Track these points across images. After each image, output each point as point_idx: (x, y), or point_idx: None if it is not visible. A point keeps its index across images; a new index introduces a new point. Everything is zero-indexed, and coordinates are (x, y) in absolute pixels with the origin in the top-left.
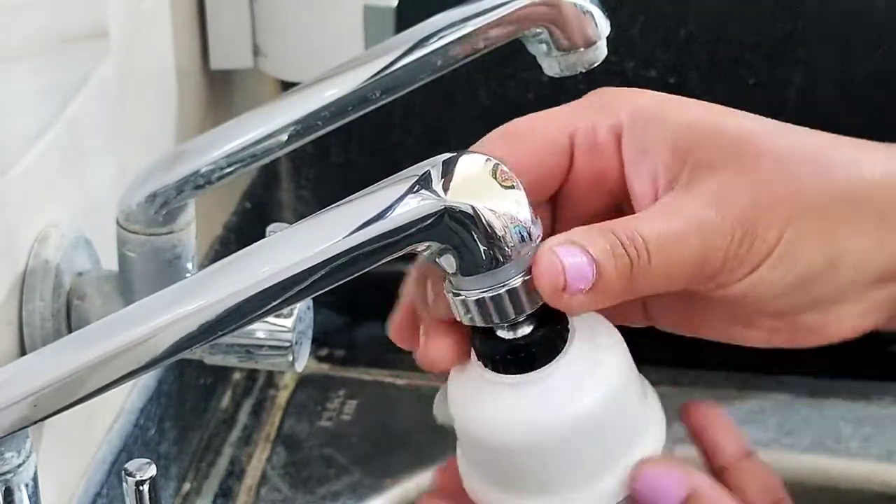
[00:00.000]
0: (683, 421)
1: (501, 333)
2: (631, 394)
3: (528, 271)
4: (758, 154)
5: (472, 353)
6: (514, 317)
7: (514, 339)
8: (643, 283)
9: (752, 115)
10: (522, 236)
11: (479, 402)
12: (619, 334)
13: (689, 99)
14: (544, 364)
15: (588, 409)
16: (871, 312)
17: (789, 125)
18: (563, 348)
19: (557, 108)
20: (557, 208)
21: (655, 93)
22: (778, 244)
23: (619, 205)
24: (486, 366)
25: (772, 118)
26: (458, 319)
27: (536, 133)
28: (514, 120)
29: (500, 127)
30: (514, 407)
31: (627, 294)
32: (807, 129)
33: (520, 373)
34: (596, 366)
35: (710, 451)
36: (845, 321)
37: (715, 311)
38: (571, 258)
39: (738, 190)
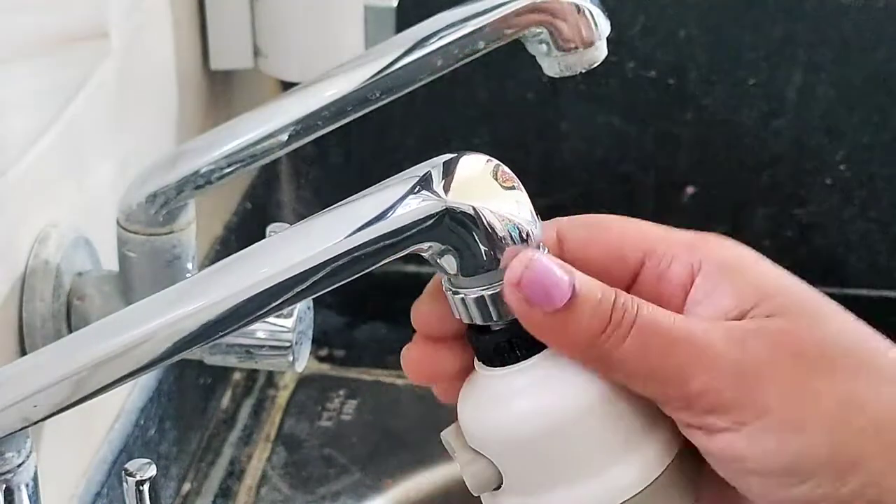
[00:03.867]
0: None
1: (493, 328)
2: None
3: None
4: (825, 315)
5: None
6: (511, 315)
7: (503, 328)
8: (606, 353)
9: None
10: (523, 237)
11: (477, 400)
12: None
13: (764, 259)
14: (531, 354)
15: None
16: None
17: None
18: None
19: (650, 223)
20: None
21: (737, 246)
22: (801, 412)
23: None
24: (482, 363)
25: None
26: (458, 317)
27: (618, 233)
28: (607, 215)
29: (592, 215)
30: (500, 399)
31: (586, 349)
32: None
33: (510, 363)
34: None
35: None
36: None
37: None
38: (546, 268)
39: (790, 339)
